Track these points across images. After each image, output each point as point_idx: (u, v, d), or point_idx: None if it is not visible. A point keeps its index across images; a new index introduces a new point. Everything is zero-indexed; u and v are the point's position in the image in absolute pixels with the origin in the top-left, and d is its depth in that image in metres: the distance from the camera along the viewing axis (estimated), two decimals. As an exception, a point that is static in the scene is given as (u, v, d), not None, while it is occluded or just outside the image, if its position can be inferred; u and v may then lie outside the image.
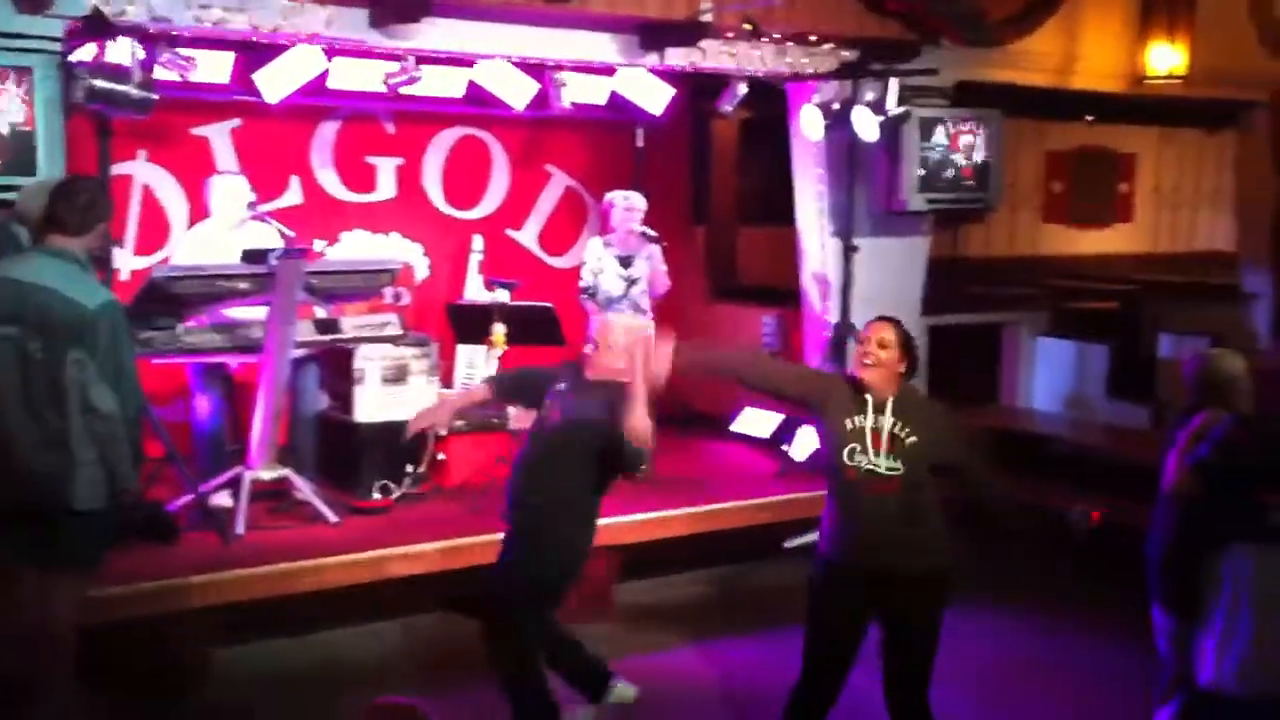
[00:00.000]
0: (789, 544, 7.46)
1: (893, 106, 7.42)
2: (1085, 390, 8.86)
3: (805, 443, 7.50)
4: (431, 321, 7.54)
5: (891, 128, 7.55)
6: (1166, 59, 8.76)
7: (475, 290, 7.99)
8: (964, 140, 8.04)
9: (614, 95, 7.84)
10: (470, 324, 7.16)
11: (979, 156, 8.08)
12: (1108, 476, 7.98)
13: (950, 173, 8.01)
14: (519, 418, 6.40)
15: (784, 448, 7.67)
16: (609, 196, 7.33)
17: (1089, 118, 11.67)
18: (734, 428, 8.43)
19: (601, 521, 4.81)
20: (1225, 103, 9.68)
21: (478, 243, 8.22)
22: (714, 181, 9.88)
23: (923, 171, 7.87)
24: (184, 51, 5.98)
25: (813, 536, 7.42)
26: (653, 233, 7.18)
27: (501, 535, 4.80)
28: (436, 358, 6.84)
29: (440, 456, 6.81)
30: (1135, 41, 8.84)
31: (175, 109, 6.71)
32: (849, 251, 7.69)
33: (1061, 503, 7.56)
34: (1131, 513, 5.23)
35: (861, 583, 4.23)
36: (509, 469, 4.83)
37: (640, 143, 8.58)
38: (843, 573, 4.29)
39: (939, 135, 7.94)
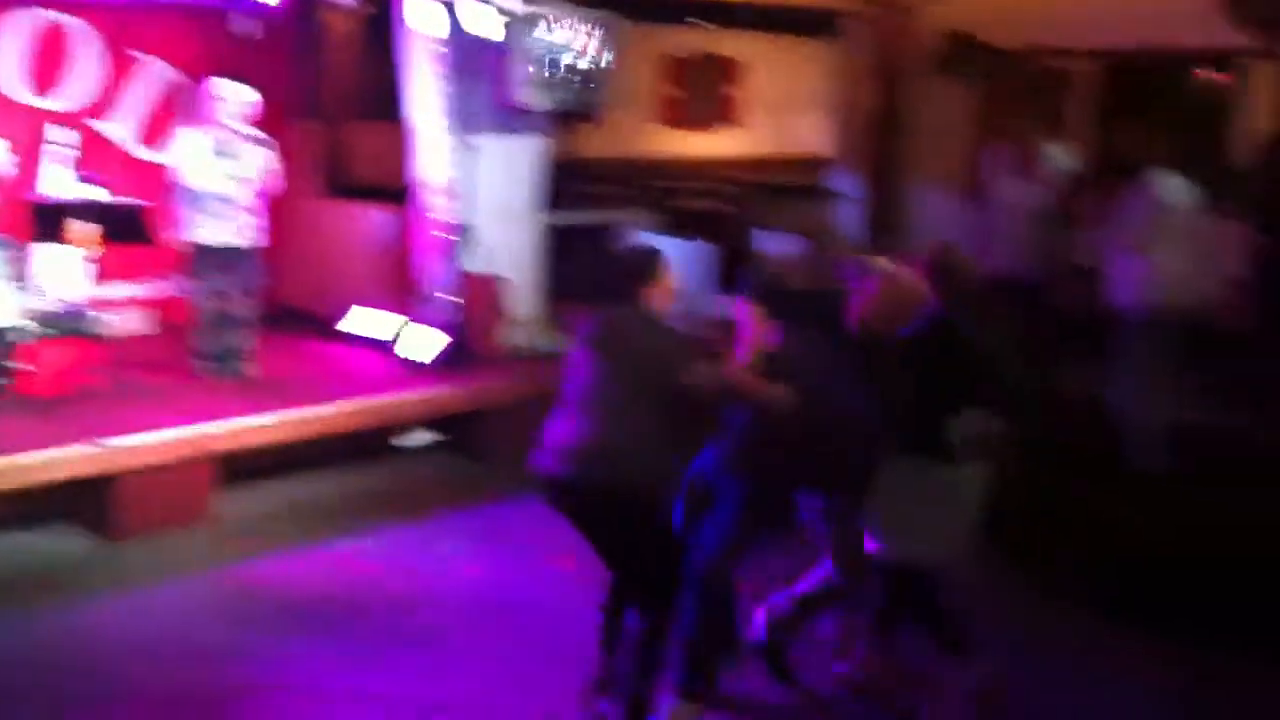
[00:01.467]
0: (406, 442, 7.47)
1: (514, 4, 7.38)
2: (692, 286, 9.21)
3: (425, 343, 7.47)
4: (18, 221, 6.94)
5: (512, 26, 7.51)
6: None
7: (57, 185, 7.39)
8: (582, 41, 8.10)
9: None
10: (46, 222, 6.65)
11: (597, 58, 8.17)
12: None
13: (568, 73, 8.06)
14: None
15: (401, 348, 7.61)
16: (208, 86, 6.95)
17: (701, 23, 12.03)
18: (341, 326, 8.26)
19: (198, 427, 4.63)
20: (825, 11, 10.21)
21: (58, 134, 7.58)
22: (327, 75, 9.52)
23: (542, 71, 7.88)
24: None
25: (427, 435, 7.51)
26: (261, 133, 6.88)
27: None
28: (23, 258, 6.35)
29: (26, 367, 6.32)
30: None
31: None
32: (467, 150, 7.64)
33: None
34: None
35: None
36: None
37: (249, 32, 8.16)
38: None
39: (558, 35, 7.95)
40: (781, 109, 13.09)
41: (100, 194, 7.26)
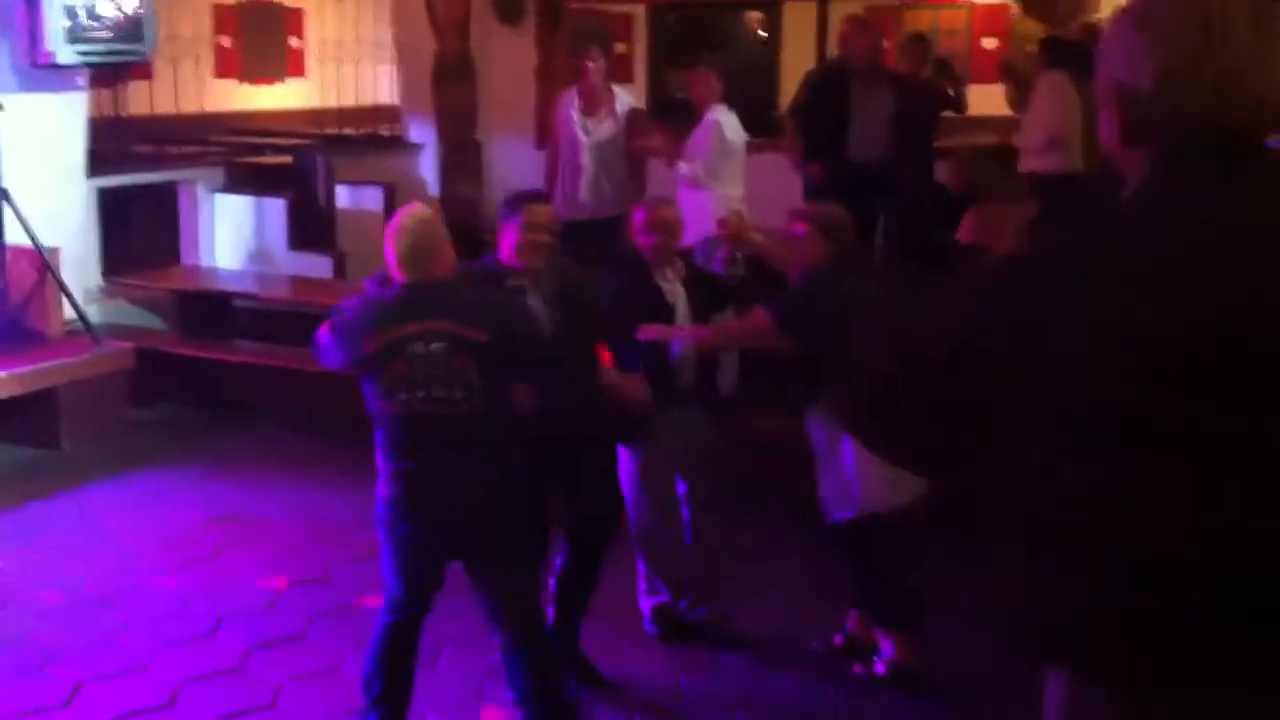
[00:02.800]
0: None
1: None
2: (267, 244, 8.87)
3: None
4: None
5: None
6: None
7: None
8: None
9: None
10: None
11: (132, 7, 7.60)
12: (294, 327, 8.13)
13: (102, 23, 7.45)
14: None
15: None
16: None
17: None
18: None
19: None
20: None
21: None
22: None
23: (69, 21, 7.23)
24: None
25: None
26: None
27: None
28: None
29: None
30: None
31: None
32: (-6, 110, 6.94)
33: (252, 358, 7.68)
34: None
35: None
36: None
37: None
38: None
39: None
40: (346, 59, 12.75)
41: None
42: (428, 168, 10.28)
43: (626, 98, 7.54)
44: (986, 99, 10.69)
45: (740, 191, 7.22)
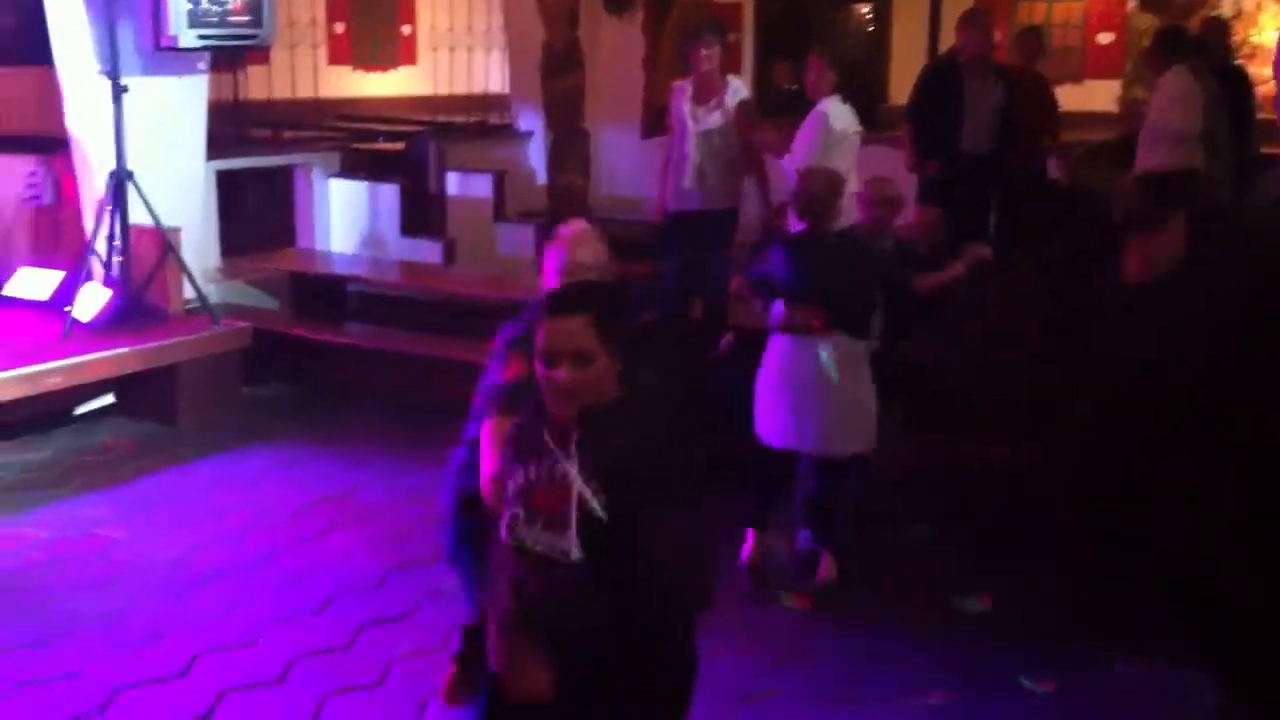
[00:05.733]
0: (81, 409, 7.00)
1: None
2: (379, 229, 9.02)
3: (90, 301, 6.99)
4: None
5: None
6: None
7: None
8: (238, -25, 7.67)
9: None
10: None
11: (254, -7, 7.75)
12: (405, 311, 8.27)
13: (222, 8, 7.60)
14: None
15: (66, 309, 7.07)
16: None
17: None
18: (8, 292, 7.63)
19: None
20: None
21: None
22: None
23: (191, 6, 7.39)
24: None
25: (105, 400, 7.05)
26: None
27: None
28: None
29: None
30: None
31: None
32: (118, 92, 7.11)
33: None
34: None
35: None
36: None
37: None
38: None
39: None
40: (457, 46, 12.88)
41: None
42: (536, 156, 10.36)
43: (740, 87, 7.48)
44: (1100, 94, 10.49)
45: (854, 185, 7.15)
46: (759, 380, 5.14)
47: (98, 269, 7.13)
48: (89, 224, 7.20)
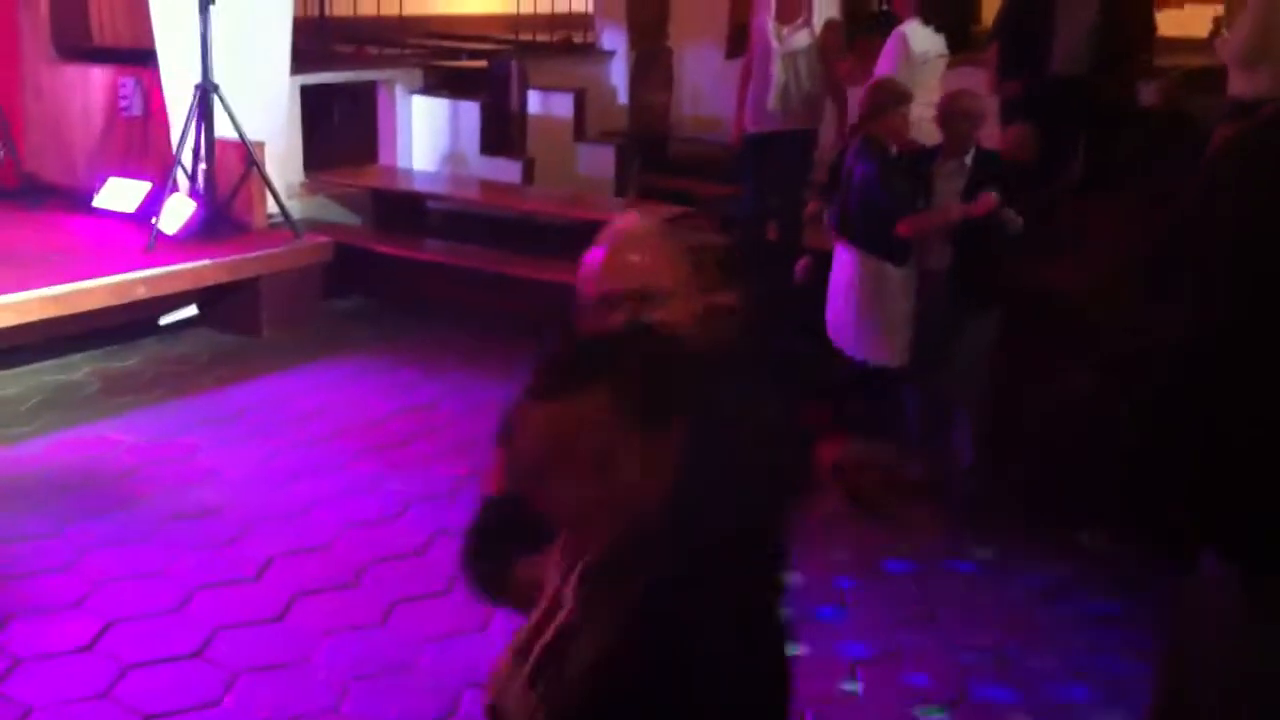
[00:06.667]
0: (166, 319, 7.15)
1: None
2: (460, 147, 9.03)
3: (175, 213, 7.10)
4: None
5: None
6: None
7: None
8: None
9: None
10: None
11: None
12: (483, 229, 8.31)
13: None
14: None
15: (152, 220, 7.20)
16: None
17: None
18: (98, 203, 7.78)
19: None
20: None
21: None
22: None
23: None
24: None
25: (189, 310, 7.20)
26: None
27: None
28: None
29: None
30: None
31: None
32: (205, 4, 7.16)
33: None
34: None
35: None
36: None
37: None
38: None
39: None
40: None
41: None
42: (618, 75, 10.27)
43: (828, 7, 7.33)
44: (1198, 20, 10.11)
45: (931, 109, 6.99)
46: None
47: (183, 181, 7.24)
48: (175, 136, 7.30)
